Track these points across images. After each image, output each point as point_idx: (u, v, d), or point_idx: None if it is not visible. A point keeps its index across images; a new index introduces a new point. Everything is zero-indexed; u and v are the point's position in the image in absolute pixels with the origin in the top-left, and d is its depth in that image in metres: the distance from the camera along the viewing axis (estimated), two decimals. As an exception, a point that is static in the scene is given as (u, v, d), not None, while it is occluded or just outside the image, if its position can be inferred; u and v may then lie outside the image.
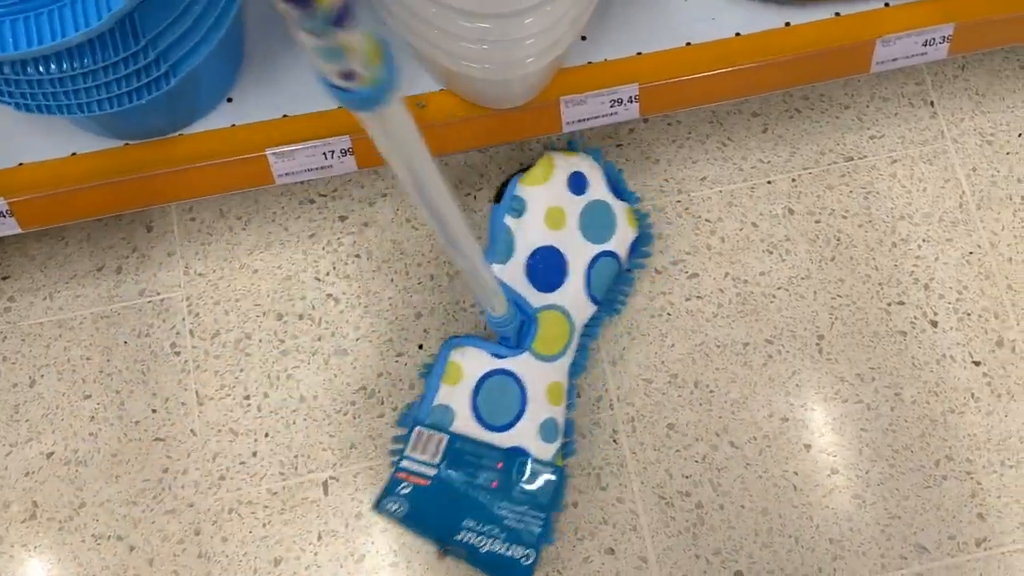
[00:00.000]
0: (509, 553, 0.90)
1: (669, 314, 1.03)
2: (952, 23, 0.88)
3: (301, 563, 0.95)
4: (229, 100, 0.88)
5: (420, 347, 1.02)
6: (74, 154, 0.87)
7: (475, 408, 0.92)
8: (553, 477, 0.91)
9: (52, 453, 1.00)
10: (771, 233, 1.05)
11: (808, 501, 0.96)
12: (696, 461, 0.97)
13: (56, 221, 0.92)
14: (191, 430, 1.00)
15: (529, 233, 0.95)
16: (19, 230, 0.89)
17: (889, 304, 1.02)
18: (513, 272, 0.95)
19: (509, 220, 0.96)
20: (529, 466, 0.91)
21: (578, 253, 0.96)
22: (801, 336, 1.01)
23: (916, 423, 0.98)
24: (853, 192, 1.06)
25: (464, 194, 1.08)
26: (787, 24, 0.89)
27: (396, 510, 0.91)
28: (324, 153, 0.88)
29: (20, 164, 0.88)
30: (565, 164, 0.97)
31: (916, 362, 1.00)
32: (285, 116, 0.88)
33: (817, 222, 1.05)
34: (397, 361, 1.02)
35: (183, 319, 1.04)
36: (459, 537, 0.90)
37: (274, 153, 0.87)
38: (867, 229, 1.05)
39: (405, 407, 0.98)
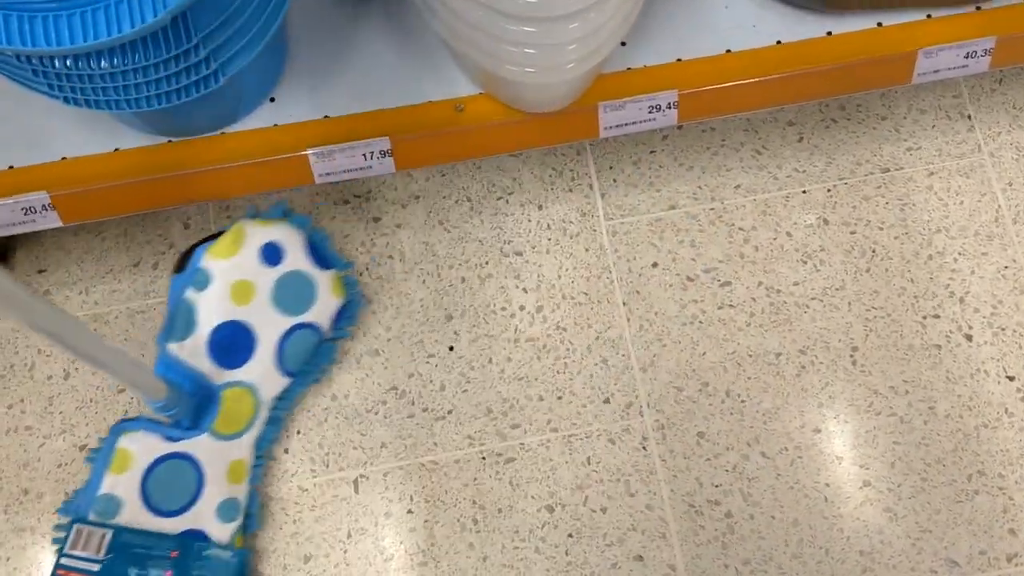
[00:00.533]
0: None
1: (701, 322, 1.02)
2: (994, 36, 0.87)
3: (331, 560, 0.96)
4: (272, 100, 0.89)
5: (451, 349, 1.03)
6: (117, 150, 0.88)
7: (144, 495, 0.89)
8: (233, 560, 0.88)
9: (85, 446, 1.01)
10: (805, 243, 1.05)
11: (839, 513, 0.95)
12: (726, 470, 0.97)
13: (97, 216, 0.93)
14: (223, 426, 1.01)
15: (212, 308, 0.92)
16: (60, 224, 0.90)
17: (924, 317, 1.01)
18: (193, 349, 0.91)
19: (191, 294, 0.92)
20: (207, 551, 0.88)
21: (269, 327, 0.93)
22: (835, 347, 1.01)
23: (949, 437, 0.97)
24: (889, 204, 1.06)
25: (496, 198, 1.08)
26: (829, 33, 0.89)
27: None
28: (364, 154, 0.88)
29: (63, 158, 0.89)
30: (258, 234, 0.93)
31: (950, 376, 0.99)
32: (326, 117, 0.89)
33: (852, 233, 1.05)
34: (428, 362, 1.02)
35: (217, 316, 1.05)
36: None
37: (315, 153, 0.87)
38: (903, 241, 1.04)
39: (71, 494, 0.94)
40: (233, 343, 0.92)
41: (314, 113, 0.88)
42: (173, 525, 0.89)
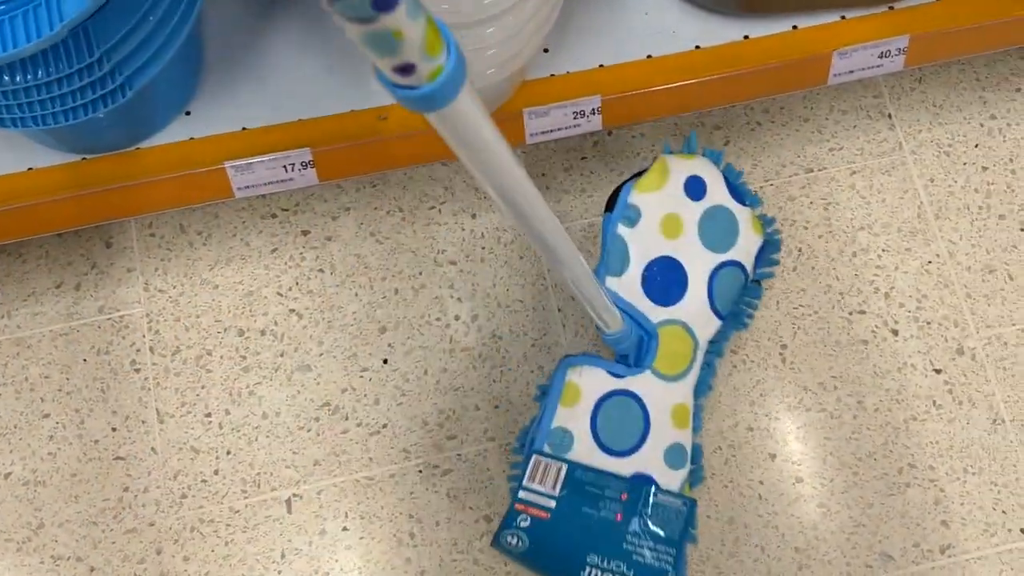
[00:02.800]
0: None
1: (634, 326, 1.03)
2: (907, 35, 0.89)
3: (264, 582, 0.94)
4: (188, 113, 0.88)
5: (385, 362, 1.02)
6: (31, 168, 0.86)
7: (594, 431, 0.85)
8: (684, 508, 0.85)
9: (10, 473, 0.98)
10: (734, 244, 1.05)
11: (774, 510, 0.96)
12: (662, 472, 0.97)
13: (14, 236, 0.90)
14: (152, 448, 0.99)
15: (645, 243, 0.89)
16: (-27, 246, 0.88)
17: (850, 313, 1.03)
18: (629, 285, 0.88)
19: (622, 230, 0.89)
20: (656, 497, 0.84)
21: (698, 263, 0.89)
22: (765, 346, 1.02)
23: (879, 431, 0.99)
24: (814, 203, 1.07)
25: (428, 208, 1.08)
26: (746, 37, 0.90)
27: (515, 545, 0.83)
28: (284, 166, 0.87)
29: (-26, 179, 0.86)
30: (681, 168, 0.91)
31: (878, 370, 1.01)
32: (244, 129, 0.87)
33: (779, 233, 1.06)
34: (362, 376, 1.01)
35: (143, 336, 1.03)
36: (584, 574, 0.83)
37: (233, 166, 0.86)
38: (827, 240, 1.06)
39: (520, 431, 0.93)
40: (666, 279, 0.88)
41: (231, 125, 0.87)
42: (622, 466, 0.85)
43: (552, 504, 0.83)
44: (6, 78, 0.67)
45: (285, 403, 1.00)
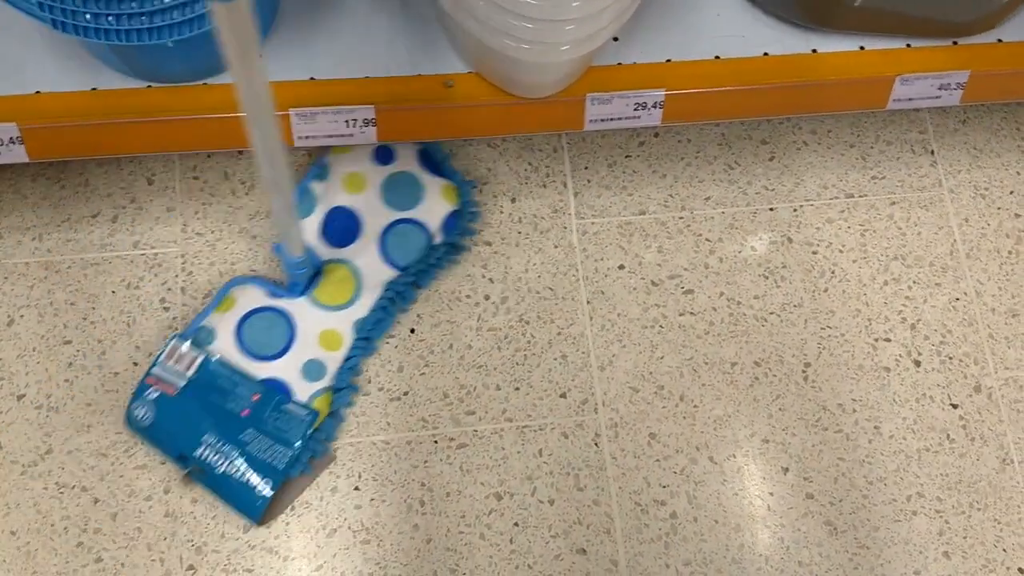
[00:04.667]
0: (246, 479, 0.91)
1: (661, 327, 1.04)
2: (968, 71, 0.91)
3: (271, 532, 0.93)
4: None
5: (412, 331, 1.02)
6: (95, 89, 0.86)
7: (239, 334, 0.96)
8: (307, 418, 0.93)
9: (23, 395, 0.97)
10: (768, 259, 1.07)
11: (781, 523, 0.96)
12: (675, 472, 0.98)
13: (67, 154, 0.90)
14: (171, 387, 0.98)
15: (328, 195, 1.01)
16: (27, 159, 0.88)
17: (876, 340, 1.04)
18: (309, 227, 1.00)
19: (313, 184, 1.02)
20: (285, 405, 0.94)
21: (375, 217, 1.01)
22: (788, 362, 1.03)
23: (892, 457, 0.99)
24: (851, 228, 1.08)
25: (470, 187, 1.08)
26: (814, 51, 0.91)
27: (142, 418, 0.93)
28: (347, 120, 0.88)
29: (38, 92, 0.86)
30: None
31: (897, 398, 1.02)
32: (312, 79, 0.88)
33: (814, 253, 1.07)
34: (387, 343, 1.01)
35: (176, 275, 1.02)
36: (198, 452, 0.92)
37: (297, 114, 0.86)
38: (861, 265, 1.07)
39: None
40: (342, 226, 1.00)
41: (300, 73, 0.88)
42: (258, 369, 0.95)
43: (182, 383, 0.94)
44: (102, -13, 0.67)
45: (309, 359, 1.00)
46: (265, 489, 0.91)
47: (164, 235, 1.04)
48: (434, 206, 1.02)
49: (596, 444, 0.99)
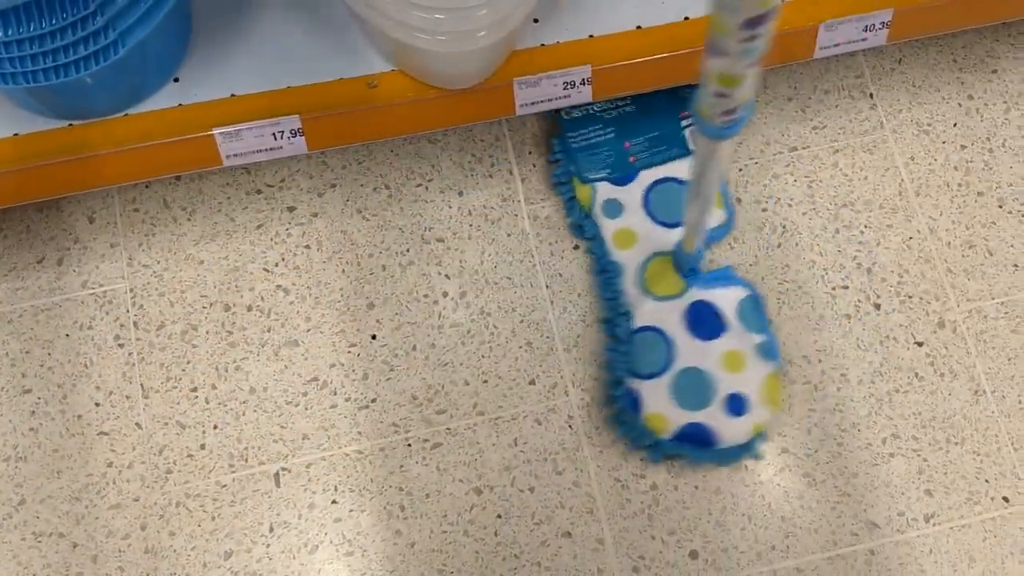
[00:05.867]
0: None
1: (621, 301, 1.03)
2: (891, 8, 0.91)
3: (252, 556, 0.93)
4: (176, 80, 0.87)
5: (373, 337, 1.01)
6: (16, 134, 0.85)
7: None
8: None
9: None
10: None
11: (760, 480, 0.97)
12: (650, 444, 0.98)
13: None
14: (136, 423, 0.97)
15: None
16: (-44, 213, 0.87)
17: (834, 288, 1.04)
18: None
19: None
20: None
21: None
22: (751, 320, 1.02)
23: (863, 403, 1.00)
24: (797, 181, 1.08)
25: (415, 185, 1.08)
26: (733, 8, 0.90)
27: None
28: (273, 134, 0.87)
29: (-42, 145, 0.85)
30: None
31: (861, 343, 1.02)
32: (233, 95, 0.87)
33: (764, 210, 1.07)
34: (350, 351, 1.01)
35: (127, 311, 1.01)
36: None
37: (222, 133, 0.86)
38: (811, 216, 1.07)
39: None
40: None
41: (220, 92, 0.87)
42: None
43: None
44: (-1, 31, 0.66)
45: (272, 378, 0.99)
46: None
47: (111, 271, 1.03)
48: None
49: (570, 426, 0.98)
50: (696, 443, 0.94)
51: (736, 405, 0.95)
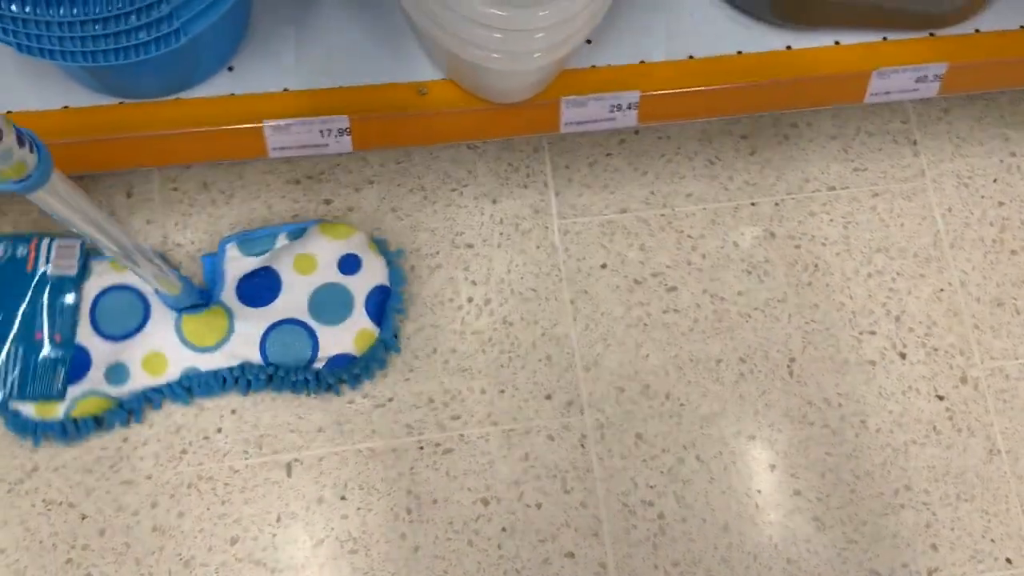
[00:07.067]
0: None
1: (646, 324, 1.03)
2: (945, 63, 0.90)
3: (258, 544, 0.94)
4: (230, 69, 0.88)
5: (394, 336, 1.02)
6: (67, 107, 0.86)
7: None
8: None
9: (8, 413, 0.97)
10: (751, 254, 1.06)
11: (769, 520, 0.97)
12: (662, 472, 0.98)
13: (39, 174, 0.89)
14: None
15: (280, 256, 0.99)
16: None
17: (860, 333, 1.04)
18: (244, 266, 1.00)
19: (281, 236, 1.01)
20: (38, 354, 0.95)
21: (291, 302, 0.97)
22: (773, 357, 1.02)
23: (879, 451, 0.99)
24: (834, 220, 1.08)
25: (450, 189, 1.08)
26: (788, 47, 0.90)
27: None
28: (321, 131, 0.87)
29: (8, 112, 0.86)
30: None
31: (883, 392, 1.02)
32: (285, 90, 0.87)
33: (797, 247, 1.07)
34: (371, 349, 1.01)
35: (157, 288, 1.02)
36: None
37: (271, 126, 0.86)
38: (844, 258, 1.07)
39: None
40: (263, 286, 0.98)
41: (273, 85, 0.87)
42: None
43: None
44: (64, 9, 0.66)
45: (293, 368, 1.00)
46: None
47: (144, 248, 1.03)
48: (342, 337, 0.96)
49: (583, 446, 0.99)
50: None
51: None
